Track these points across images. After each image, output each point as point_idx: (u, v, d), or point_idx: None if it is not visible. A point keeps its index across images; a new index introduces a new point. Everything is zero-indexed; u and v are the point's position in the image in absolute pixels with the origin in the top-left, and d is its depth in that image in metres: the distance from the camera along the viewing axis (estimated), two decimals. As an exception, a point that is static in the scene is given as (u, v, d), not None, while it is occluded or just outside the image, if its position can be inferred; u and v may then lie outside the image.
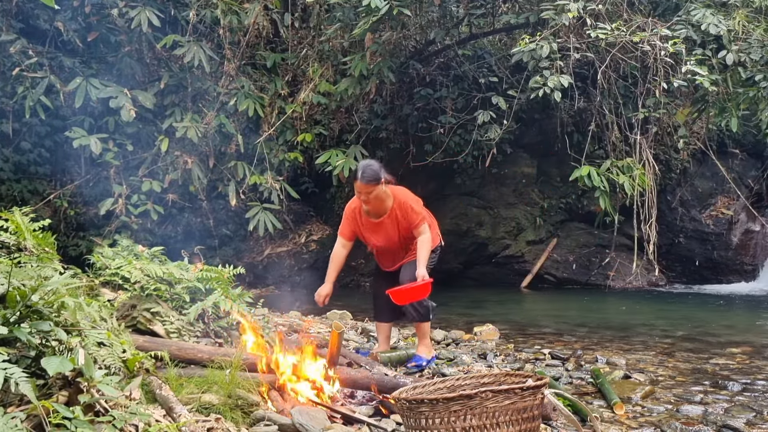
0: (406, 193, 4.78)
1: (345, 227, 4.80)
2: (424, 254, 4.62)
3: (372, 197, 4.56)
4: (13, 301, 2.73)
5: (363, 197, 4.57)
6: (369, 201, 4.59)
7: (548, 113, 10.65)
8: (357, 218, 4.78)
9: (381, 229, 4.75)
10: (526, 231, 11.59)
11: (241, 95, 9.16)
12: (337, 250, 4.82)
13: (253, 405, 3.45)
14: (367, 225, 4.77)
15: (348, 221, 4.79)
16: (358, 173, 4.51)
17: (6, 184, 8.83)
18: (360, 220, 4.78)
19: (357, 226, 4.80)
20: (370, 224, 4.76)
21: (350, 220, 4.79)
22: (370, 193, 4.54)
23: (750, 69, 8.07)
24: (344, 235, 4.80)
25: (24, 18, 8.88)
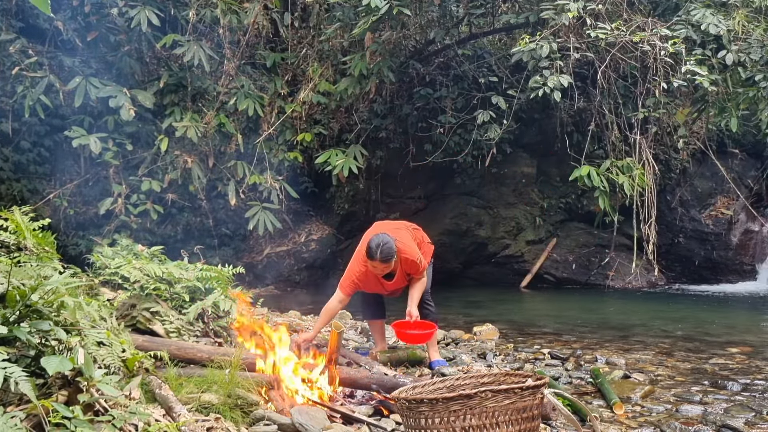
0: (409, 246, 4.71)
1: (350, 287, 4.69)
2: (417, 294, 4.74)
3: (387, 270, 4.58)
4: (13, 301, 2.73)
5: (381, 272, 4.57)
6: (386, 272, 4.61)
7: (548, 113, 10.65)
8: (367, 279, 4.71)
9: (389, 285, 4.79)
10: (526, 231, 11.58)
11: (241, 95, 9.16)
12: (334, 305, 4.70)
13: (252, 404, 3.45)
14: (375, 282, 4.75)
15: (355, 284, 4.70)
16: (375, 253, 4.44)
17: (6, 183, 8.83)
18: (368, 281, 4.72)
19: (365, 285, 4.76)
20: (380, 281, 4.75)
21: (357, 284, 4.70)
22: (387, 268, 4.56)
23: (750, 69, 8.08)
24: (346, 293, 4.69)
25: (24, 17, 8.88)
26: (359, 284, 4.71)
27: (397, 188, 11.17)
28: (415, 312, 4.65)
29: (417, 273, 4.75)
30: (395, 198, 11.34)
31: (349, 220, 11.33)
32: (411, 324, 4.64)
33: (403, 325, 4.65)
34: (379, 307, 5.11)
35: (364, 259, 4.60)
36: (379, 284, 4.77)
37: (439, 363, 4.96)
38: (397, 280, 4.74)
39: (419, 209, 11.39)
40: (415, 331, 4.64)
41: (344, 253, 11.38)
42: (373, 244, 4.49)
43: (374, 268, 4.54)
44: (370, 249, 4.48)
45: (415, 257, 4.70)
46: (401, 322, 4.67)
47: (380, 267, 4.52)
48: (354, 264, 4.72)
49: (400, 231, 4.82)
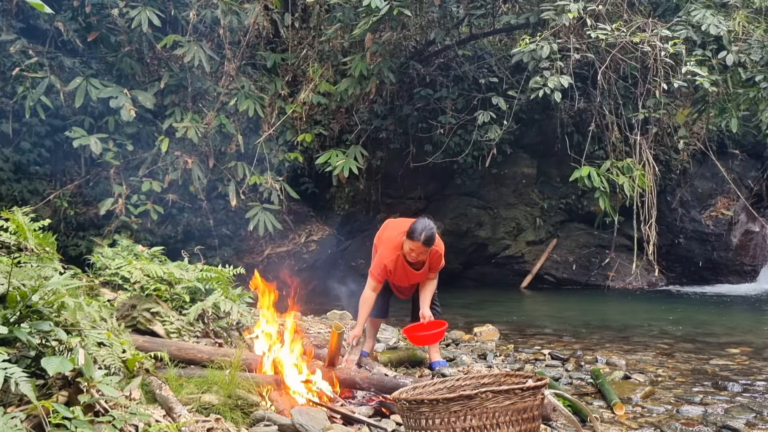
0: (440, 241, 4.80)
1: (382, 274, 4.73)
2: (428, 295, 4.86)
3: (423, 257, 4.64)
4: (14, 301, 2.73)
5: (416, 256, 4.60)
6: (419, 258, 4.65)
7: (548, 114, 10.65)
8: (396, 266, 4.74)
9: (413, 275, 4.83)
10: (526, 231, 11.59)
11: (241, 95, 9.16)
12: (370, 294, 4.75)
13: (253, 405, 3.45)
14: (402, 271, 4.78)
15: (386, 271, 4.74)
16: (420, 235, 4.49)
17: (6, 184, 8.82)
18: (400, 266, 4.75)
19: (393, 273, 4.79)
20: (407, 271, 4.78)
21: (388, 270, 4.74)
22: (426, 254, 4.62)
23: (750, 70, 8.08)
24: (379, 281, 4.75)
25: (24, 18, 8.88)
26: (390, 270, 4.73)
27: (397, 189, 11.18)
28: (428, 313, 4.74)
29: (437, 269, 4.85)
30: (395, 198, 11.34)
31: (350, 221, 11.33)
32: (423, 326, 4.71)
33: (414, 329, 4.73)
34: (384, 306, 5.14)
35: (397, 245, 4.67)
36: (405, 274, 4.79)
37: (440, 364, 4.97)
38: (422, 271, 4.80)
39: (419, 210, 11.38)
40: (426, 332, 4.70)
41: (344, 253, 11.38)
42: (419, 226, 4.56)
43: (411, 251, 4.57)
44: (415, 230, 4.53)
45: (442, 252, 4.81)
46: (411, 327, 4.76)
47: (419, 250, 4.55)
48: (385, 251, 4.75)
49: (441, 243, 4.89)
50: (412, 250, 4.58)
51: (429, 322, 4.72)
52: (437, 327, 4.72)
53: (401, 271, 4.78)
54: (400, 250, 4.67)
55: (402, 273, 4.79)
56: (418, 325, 4.74)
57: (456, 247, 11.30)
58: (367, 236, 11.50)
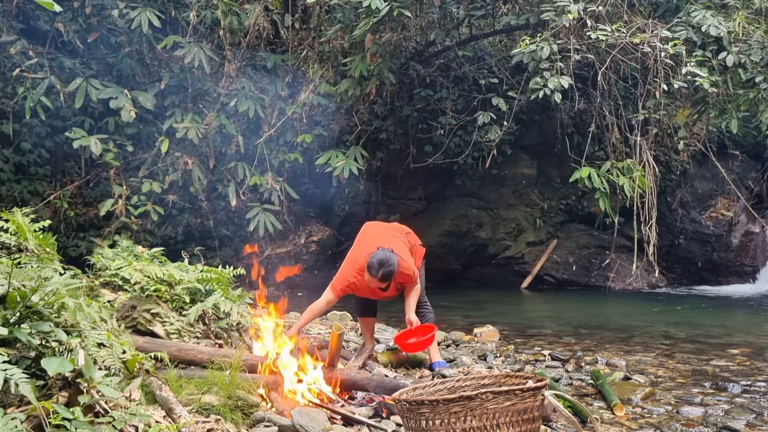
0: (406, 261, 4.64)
1: (341, 291, 4.64)
2: (413, 301, 4.75)
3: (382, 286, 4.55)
4: (14, 302, 2.73)
5: (375, 287, 4.53)
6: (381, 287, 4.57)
7: (548, 114, 10.66)
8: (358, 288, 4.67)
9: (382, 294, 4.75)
10: (526, 232, 11.59)
11: (242, 96, 9.17)
12: (321, 306, 4.66)
13: (253, 406, 3.45)
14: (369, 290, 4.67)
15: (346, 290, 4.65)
16: (376, 272, 4.38)
17: (6, 184, 8.83)
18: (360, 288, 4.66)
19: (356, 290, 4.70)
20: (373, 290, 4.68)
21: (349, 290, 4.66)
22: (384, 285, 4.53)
23: (750, 70, 8.08)
24: (336, 295, 4.64)
25: (24, 19, 8.89)
26: (351, 290, 4.66)
27: (397, 189, 11.18)
28: (414, 318, 4.66)
29: (410, 283, 4.72)
30: (395, 199, 11.34)
31: (350, 222, 11.32)
32: (411, 332, 4.64)
33: (404, 336, 4.67)
34: (371, 305, 5.07)
35: (359, 269, 4.54)
36: (371, 292, 4.71)
37: (440, 364, 4.96)
38: (390, 290, 4.70)
39: (419, 210, 11.39)
40: (415, 339, 4.64)
41: (344, 254, 11.35)
42: (375, 261, 4.40)
43: (370, 282, 4.48)
44: (372, 267, 4.40)
45: (410, 270, 4.66)
46: (401, 334, 4.70)
47: (376, 283, 4.47)
48: (348, 270, 4.64)
49: (396, 240, 4.78)
50: (372, 281, 4.46)
51: (417, 327, 4.64)
52: (426, 331, 4.65)
53: (368, 290, 4.66)
54: (362, 275, 4.53)
55: (369, 291, 4.68)
56: (407, 331, 4.67)
57: (456, 247, 11.30)
58: (367, 237, 11.51)
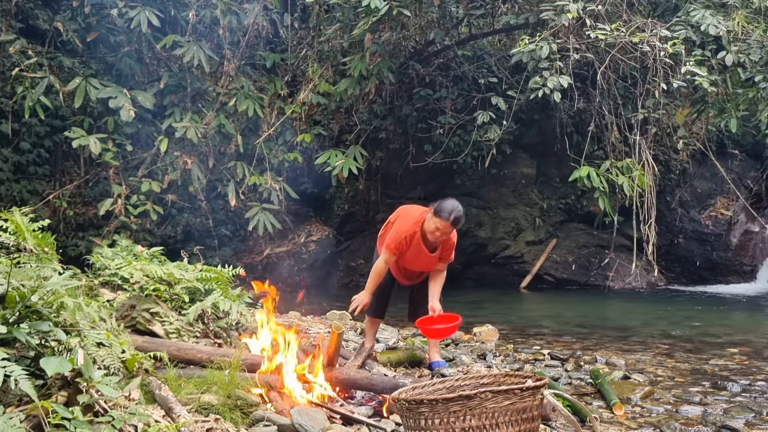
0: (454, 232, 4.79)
1: (398, 247, 4.66)
2: (438, 288, 4.82)
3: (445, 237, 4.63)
4: (13, 302, 2.73)
5: (439, 235, 4.57)
6: (441, 239, 4.62)
7: (548, 114, 10.66)
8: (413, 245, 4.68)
9: (426, 258, 4.76)
10: (526, 231, 11.59)
11: (241, 95, 9.17)
12: (382, 266, 4.74)
13: (252, 405, 3.45)
14: (416, 251, 4.70)
15: (402, 245, 4.66)
16: (449, 216, 4.50)
17: (5, 184, 8.82)
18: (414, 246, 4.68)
19: (409, 251, 4.71)
20: (420, 251, 4.70)
21: (403, 244, 4.66)
22: (447, 234, 4.62)
23: (749, 70, 8.08)
24: (394, 253, 4.68)
25: (24, 18, 8.88)
26: (405, 245, 4.65)
27: (397, 189, 11.18)
28: (438, 306, 4.69)
29: (448, 259, 4.82)
30: (395, 199, 11.32)
31: (349, 221, 11.33)
32: (435, 319, 4.66)
33: (428, 321, 4.66)
34: (383, 306, 5.09)
35: (418, 220, 4.64)
36: (418, 254, 4.70)
37: (440, 364, 4.95)
38: (434, 256, 4.74)
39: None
40: (440, 325, 4.64)
41: (344, 254, 11.39)
42: (448, 205, 4.56)
43: (436, 230, 4.52)
44: (444, 209, 4.51)
45: (454, 242, 4.78)
46: (425, 319, 4.67)
47: (445, 229, 4.53)
48: (403, 225, 4.69)
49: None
50: (438, 229, 4.52)
51: (440, 315, 4.68)
52: (450, 320, 4.66)
53: (415, 250, 4.68)
54: (420, 227, 4.62)
55: (415, 252, 4.69)
56: (431, 318, 4.67)
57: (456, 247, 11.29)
58: (367, 236, 11.51)
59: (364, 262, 11.26)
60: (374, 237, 5.21)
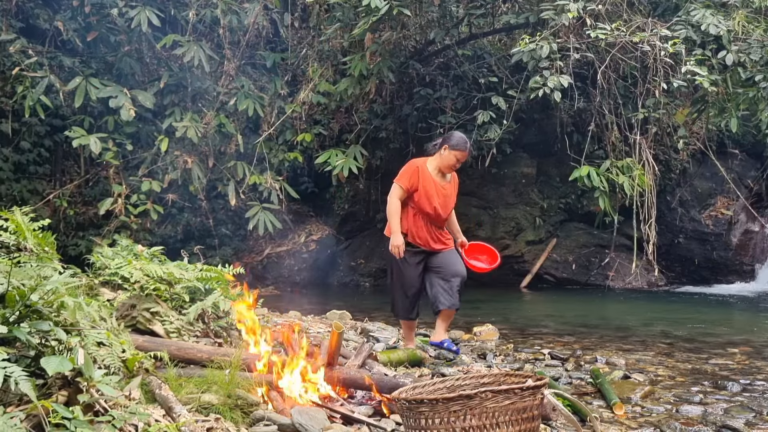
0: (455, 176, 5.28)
1: (406, 180, 4.97)
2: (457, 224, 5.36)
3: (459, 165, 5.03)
4: (13, 301, 2.73)
5: (456, 164, 4.96)
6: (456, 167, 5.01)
7: (548, 113, 10.66)
8: (422, 175, 4.98)
9: (442, 192, 5.04)
10: (526, 231, 11.59)
11: (241, 95, 9.17)
12: (396, 202, 5.00)
13: (252, 405, 3.45)
14: (432, 184, 5.00)
15: (410, 175, 4.97)
16: (466, 145, 4.94)
17: (6, 183, 8.83)
18: (425, 178, 4.98)
19: (420, 183, 4.97)
20: (435, 184, 5.01)
21: (414, 175, 4.97)
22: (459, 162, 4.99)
23: (750, 69, 8.07)
24: (404, 187, 4.97)
25: (24, 17, 8.88)
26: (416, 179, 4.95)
27: (397, 188, 11.17)
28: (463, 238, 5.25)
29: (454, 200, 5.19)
30: (395, 198, 11.33)
31: (349, 221, 11.33)
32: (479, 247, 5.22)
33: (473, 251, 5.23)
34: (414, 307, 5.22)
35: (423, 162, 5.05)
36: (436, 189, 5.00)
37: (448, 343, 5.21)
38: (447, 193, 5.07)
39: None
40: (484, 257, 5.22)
41: (344, 253, 11.38)
42: (458, 137, 4.95)
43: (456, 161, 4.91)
44: (458, 141, 4.90)
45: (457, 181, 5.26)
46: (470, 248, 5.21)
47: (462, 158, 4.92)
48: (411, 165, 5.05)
49: None
50: (459, 160, 4.93)
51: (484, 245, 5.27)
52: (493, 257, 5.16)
53: (430, 185, 4.97)
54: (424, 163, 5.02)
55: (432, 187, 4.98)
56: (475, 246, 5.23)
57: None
58: (367, 236, 11.52)
59: (364, 261, 11.27)
60: (374, 237, 5.30)
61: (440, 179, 5.04)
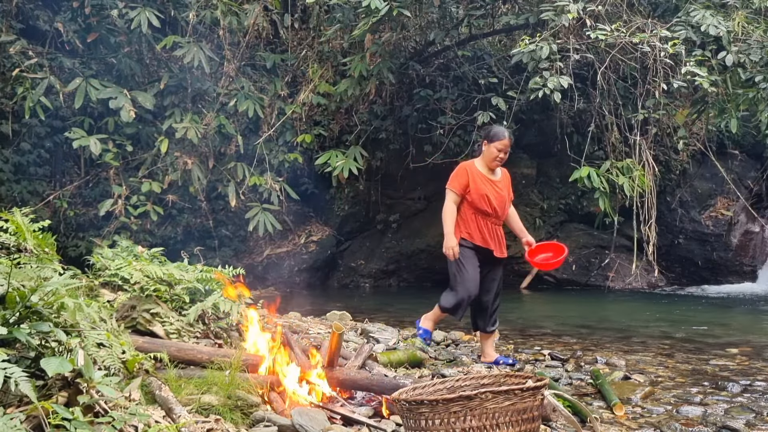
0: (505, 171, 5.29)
1: (457, 183, 5.06)
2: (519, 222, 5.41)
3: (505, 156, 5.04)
4: (13, 302, 2.73)
5: (503, 155, 5.00)
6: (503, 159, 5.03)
7: (548, 114, 10.66)
8: (474, 176, 5.05)
9: (496, 187, 5.09)
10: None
11: (241, 96, 9.17)
12: (451, 206, 5.09)
13: (252, 406, 3.45)
14: (484, 182, 5.05)
15: (460, 177, 5.06)
16: (505, 133, 4.98)
17: (6, 185, 8.83)
18: (476, 177, 5.04)
19: (471, 183, 5.03)
20: (487, 181, 5.06)
21: (464, 176, 5.04)
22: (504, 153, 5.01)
23: (749, 70, 8.08)
24: (457, 191, 5.06)
25: (24, 19, 8.89)
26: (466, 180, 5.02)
27: (397, 189, 11.18)
28: (532, 239, 5.20)
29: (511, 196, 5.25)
30: (395, 199, 11.34)
31: (349, 222, 11.33)
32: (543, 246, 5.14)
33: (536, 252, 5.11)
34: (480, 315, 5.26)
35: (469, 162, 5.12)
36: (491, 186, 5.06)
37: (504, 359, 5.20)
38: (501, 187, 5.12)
39: (419, 210, 11.39)
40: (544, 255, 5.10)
41: (344, 254, 11.39)
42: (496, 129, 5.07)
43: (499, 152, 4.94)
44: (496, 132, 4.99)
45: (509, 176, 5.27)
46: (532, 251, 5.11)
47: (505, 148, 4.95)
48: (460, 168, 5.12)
49: None
50: (501, 150, 4.95)
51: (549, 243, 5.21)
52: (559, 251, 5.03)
53: (483, 183, 5.04)
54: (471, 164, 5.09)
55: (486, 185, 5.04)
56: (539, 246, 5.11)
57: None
58: (367, 237, 11.52)
59: (364, 263, 11.27)
60: (374, 237, 5.30)
61: (491, 176, 5.09)
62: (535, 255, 5.09)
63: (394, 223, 11.19)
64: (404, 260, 11.29)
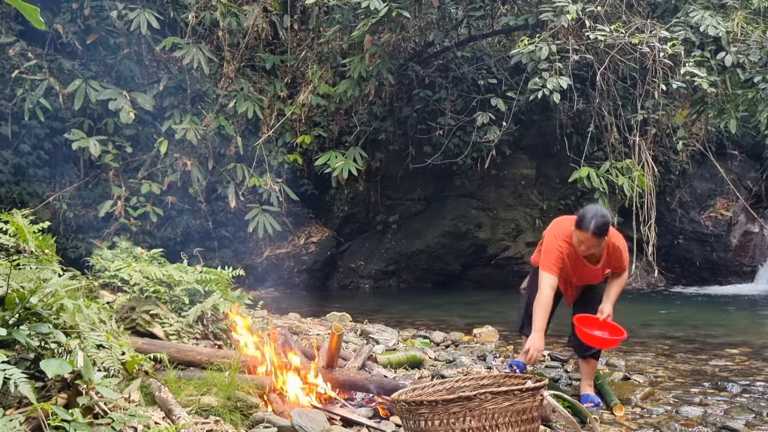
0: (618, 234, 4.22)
1: (557, 263, 4.11)
2: (615, 292, 4.28)
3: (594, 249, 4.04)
4: (12, 303, 2.73)
5: (585, 249, 4.02)
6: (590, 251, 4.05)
7: (547, 115, 10.66)
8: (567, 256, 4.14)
9: (590, 271, 4.24)
10: (526, 232, 11.58)
11: (241, 97, 9.17)
12: (548, 293, 4.09)
13: (252, 407, 3.45)
14: (576, 264, 4.19)
15: (559, 258, 4.11)
16: (589, 224, 3.90)
17: (5, 186, 8.82)
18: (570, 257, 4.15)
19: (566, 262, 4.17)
20: (582, 264, 4.19)
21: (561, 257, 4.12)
22: (598, 246, 4.03)
23: (749, 70, 8.09)
24: (556, 272, 4.12)
25: (23, 20, 8.88)
26: (561, 261, 4.09)
27: (396, 190, 11.18)
28: (609, 309, 4.17)
29: (620, 267, 4.24)
30: (395, 200, 11.35)
31: (349, 222, 11.33)
32: (599, 322, 4.15)
33: (587, 322, 4.17)
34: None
35: (566, 235, 4.08)
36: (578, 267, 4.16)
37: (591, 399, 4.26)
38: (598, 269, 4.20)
39: (419, 211, 11.40)
40: (600, 332, 4.11)
41: (344, 255, 11.39)
42: (588, 213, 3.94)
43: (580, 244, 3.98)
44: (584, 218, 3.91)
45: (623, 246, 4.17)
46: (585, 318, 4.20)
47: (589, 243, 3.95)
48: (554, 242, 4.12)
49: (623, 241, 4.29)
50: (582, 242, 3.96)
51: (605, 320, 4.13)
52: (616, 333, 4.09)
53: (574, 263, 4.14)
54: (569, 240, 4.07)
55: (575, 265, 4.17)
56: (593, 318, 4.16)
57: (455, 248, 11.30)
58: (367, 237, 11.53)
59: (363, 263, 11.27)
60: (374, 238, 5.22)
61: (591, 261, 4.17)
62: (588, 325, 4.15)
63: (394, 224, 11.20)
64: (404, 261, 11.29)
